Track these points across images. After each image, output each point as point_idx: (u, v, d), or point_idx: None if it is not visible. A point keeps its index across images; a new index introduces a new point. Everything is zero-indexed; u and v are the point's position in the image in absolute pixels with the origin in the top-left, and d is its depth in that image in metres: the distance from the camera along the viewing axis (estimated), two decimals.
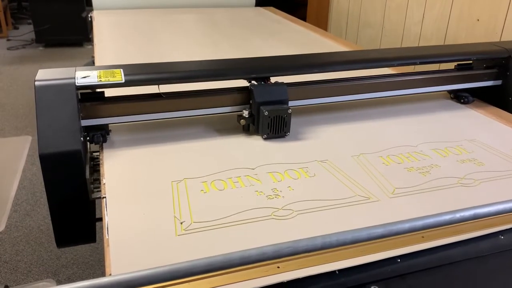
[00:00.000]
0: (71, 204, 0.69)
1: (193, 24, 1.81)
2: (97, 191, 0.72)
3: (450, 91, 1.07)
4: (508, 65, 1.01)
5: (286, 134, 0.84)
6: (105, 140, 0.79)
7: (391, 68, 1.18)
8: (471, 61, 1.06)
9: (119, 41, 1.51)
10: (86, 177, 0.70)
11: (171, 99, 0.82)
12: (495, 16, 1.37)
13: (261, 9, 2.20)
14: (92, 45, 1.66)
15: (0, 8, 3.92)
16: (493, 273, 0.57)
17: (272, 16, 2.03)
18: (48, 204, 0.68)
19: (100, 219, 0.69)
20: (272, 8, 2.23)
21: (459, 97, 1.05)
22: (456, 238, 0.57)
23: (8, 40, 3.95)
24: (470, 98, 1.04)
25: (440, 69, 1.06)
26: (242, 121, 0.85)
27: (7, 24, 4.10)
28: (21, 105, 2.61)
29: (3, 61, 3.41)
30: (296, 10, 2.44)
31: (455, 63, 1.06)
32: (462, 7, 1.50)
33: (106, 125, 0.80)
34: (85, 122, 0.77)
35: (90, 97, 0.78)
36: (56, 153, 0.67)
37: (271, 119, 0.82)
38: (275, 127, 0.83)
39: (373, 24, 2.02)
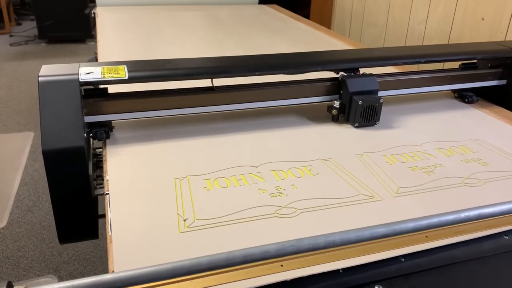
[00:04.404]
0: (74, 200, 0.69)
1: (197, 21, 1.81)
2: (100, 188, 0.72)
3: (454, 91, 1.07)
4: None
5: (376, 123, 0.88)
6: (108, 137, 0.79)
7: (395, 66, 1.17)
8: (475, 61, 1.06)
9: (122, 38, 1.50)
10: (89, 174, 0.69)
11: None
12: (500, 15, 1.36)
13: (264, 7, 2.19)
14: (95, 41, 1.66)
15: (3, 4, 3.93)
16: (497, 274, 0.57)
17: (275, 14, 2.02)
18: (51, 200, 0.68)
19: (102, 216, 0.68)
20: (275, 5, 2.22)
21: (463, 96, 1.04)
22: (460, 238, 0.57)
23: (11, 36, 3.96)
24: (475, 97, 1.03)
25: (444, 68, 1.06)
26: (334, 111, 0.88)
27: (10, 20, 4.10)
28: (24, 101, 2.61)
29: (6, 57, 3.41)
30: (299, 8, 2.44)
31: (460, 63, 1.05)
32: (466, 6, 1.49)
33: (109, 121, 0.80)
34: (88, 119, 0.76)
35: (94, 93, 0.78)
36: (59, 149, 0.67)
37: (364, 108, 0.85)
38: (367, 116, 0.86)
39: (377, 22, 2.02)
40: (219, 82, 0.85)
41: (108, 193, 0.63)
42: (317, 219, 0.59)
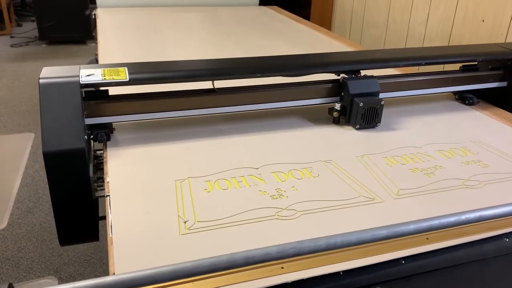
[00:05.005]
0: (74, 202, 0.69)
1: (197, 22, 1.81)
2: (101, 190, 0.72)
3: (455, 92, 1.07)
4: None
5: (377, 125, 0.88)
6: (109, 139, 0.79)
7: (396, 68, 1.18)
8: (476, 63, 1.06)
9: (123, 39, 1.51)
10: (90, 176, 0.70)
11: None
12: (500, 17, 1.36)
13: (265, 8, 2.20)
14: (96, 42, 1.66)
15: (4, 5, 3.93)
16: (497, 275, 0.57)
17: (276, 15, 2.02)
18: (51, 202, 0.68)
19: (103, 218, 0.69)
20: (276, 7, 2.22)
21: (464, 98, 1.05)
22: (461, 240, 0.56)
23: (11, 37, 3.96)
24: (475, 99, 1.03)
25: (445, 70, 1.06)
26: (335, 114, 0.88)
27: (10, 21, 4.10)
28: (24, 102, 2.61)
29: (6, 58, 3.41)
30: (300, 9, 2.44)
31: (460, 64, 1.06)
32: (467, 7, 1.49)
33: (110, 123, 0.80)
34: (89, 121, 0.76)
35: (94, 95, 0.78)
36: (60, 151, 0.67)
37: (365, 110, 0.85)
38: (368, 118, 0.86)
39: (377, 24, 2.02)
40: (220, 84, 0.85)
41: (109, 195, 0.63)
42: (318, 221, 0.59)
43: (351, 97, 0.86)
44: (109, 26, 1.70)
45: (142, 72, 0.78)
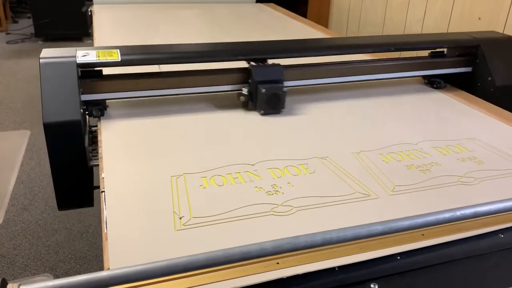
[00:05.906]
0: (71, 169, 0.77)
1: (194, 19, 1.80)
2: (95, 159, 0.79)
3: (424, 77, 1.14)
4: (477, 53, 1.08)
5: (281, 110, 0.92)
6: (103, 114, 0.86)
7: (369, 54, 1.25)
8: (444, 50, 1.13)
9: (119, 36, 1.50)
10: (85, 146, 0.76)
11: (170, 77, 0.91)
12: (496, 14, 1.36)
13: (261, 5, 2.19)
14: (92, 39, 1.66)
15: (0, 2, 3.91)
16: (493, 271, 0.57)
17: (272, 13, 2.02)
18: (51, 169, 0.75)
19: (98, 187, 0.70)
20: (272, 4, 2.22)
21: (432, 82, 1.12)
22: (456, 236, 0.57)
23: (7, 34, 3.94)
24: (443, 83, 1.11)
25: (417, 56, 1.14)
26: (242, 98, 0.93)
27: (6, 18, 4.08)
28: (20, 99, 2.60)
29: (2, 55, 3.40)
30: (297, 7, 2.44)
31: (429, 51, 1.13)
32: (463, 5, 1.49)
33: (104, 100, 0.87)
34: (84, 97, 0.83)
35: (90, 74, 0.85)
36: (58, 122, 0.74)
37: (268, 96, 0.89)
38: (272, 103, 0.91)
39: (374, 21, 2.02)
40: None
41: (104, 191, 0.63)
42: (313, 217, 0.59)
43: (256, 83, 0.90)
44: (106, 23, 1.69)
45: (133, 53, 0.86)
